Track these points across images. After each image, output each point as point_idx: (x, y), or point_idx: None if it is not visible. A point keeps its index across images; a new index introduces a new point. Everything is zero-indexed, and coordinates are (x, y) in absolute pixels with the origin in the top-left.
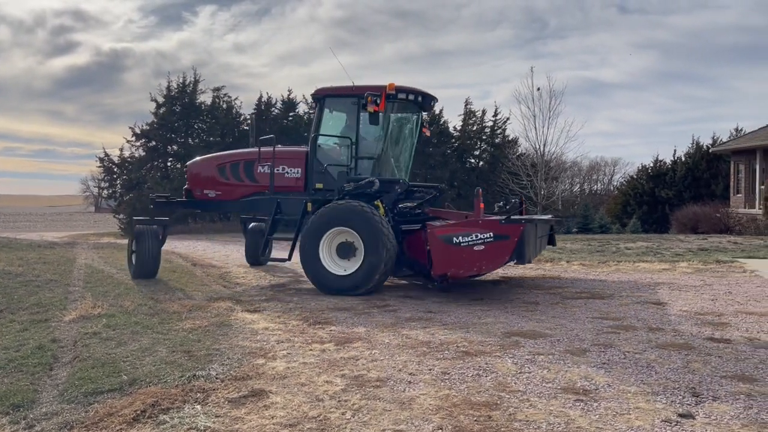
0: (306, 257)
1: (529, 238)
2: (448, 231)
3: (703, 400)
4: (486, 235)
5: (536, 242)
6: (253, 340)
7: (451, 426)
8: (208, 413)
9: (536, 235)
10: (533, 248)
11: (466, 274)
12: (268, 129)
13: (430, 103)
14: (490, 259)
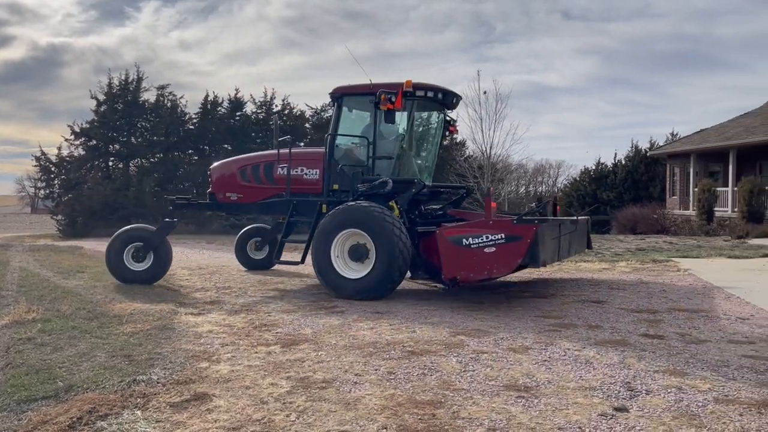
0: (318, 260)
1: (544, 239)
2: (458, 232)
3: (637, 394)
4: (498, 236)
5: (559, 244)
6: (197, 343)
7: (395, 425)
8: (148, 418)
9: (559, 237)
10: (552, 250)
11: (477, 277)
12: (214, 129)
13: (452, 100)
14: (502, 262)
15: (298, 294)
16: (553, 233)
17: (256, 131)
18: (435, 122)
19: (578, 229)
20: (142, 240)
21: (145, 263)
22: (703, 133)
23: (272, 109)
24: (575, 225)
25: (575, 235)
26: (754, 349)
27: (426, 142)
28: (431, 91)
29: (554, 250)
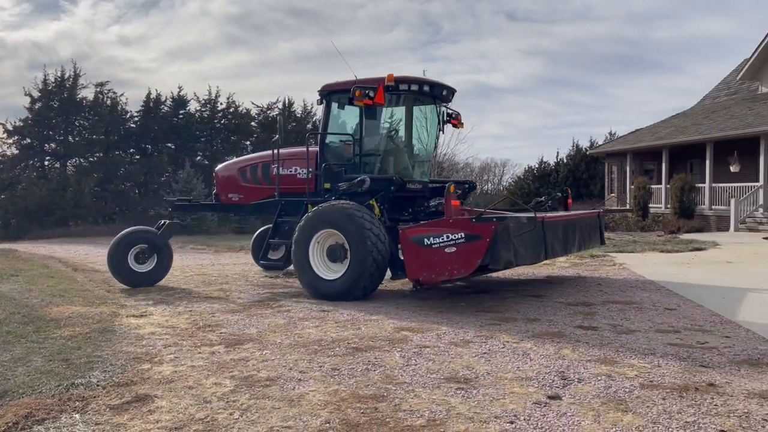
0: (297, 261)
1: (507, 238)
2: (420, 231)
3: (569, 383)
4: (458, 235)
5: (545, 242)
6: (139, 345)
7: (338, 419)
8: (87, 422)
9: (539, 234)
10: (523, 249)
11: (438, 279)
12: (157, 127)
13: (443, 92)
14: (462, 262)
15: (244, 294)
16: (524, 231)
17: (200, 130)
18: (430, 116)
19: (582, 225)
20: (147, 242)
21: (148, 265)
22: (638, 133)
23: (217, 108)
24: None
25: (577, 231)
26: (678, 337)
27: (421, 137)
28: (416, 84)
29: (529, 249)
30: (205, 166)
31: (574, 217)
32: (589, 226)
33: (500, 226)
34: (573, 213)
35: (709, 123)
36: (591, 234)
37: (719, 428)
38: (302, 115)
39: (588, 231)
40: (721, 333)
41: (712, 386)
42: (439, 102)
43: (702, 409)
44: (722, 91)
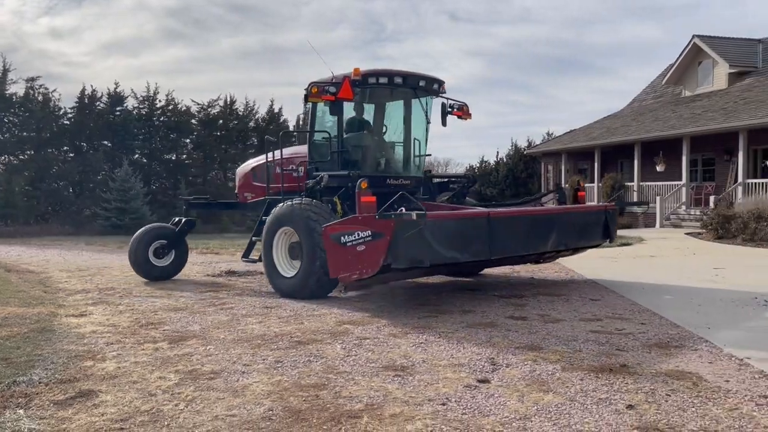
0: (264, 258)
1: (410, 235)
2: (338, 229)
3: (498, 368)
4: (366, 233)
5: (479, 238)
6: (80, 343)
7: (281, 407)
8: (31, 416)
9: (475, 231)
10: (440, 247)
11: (352, 278)
12: (92, 124)
13: (419, 83)
14: (369, 261)
15: (187, 292)
16: (413, 229)
17: (138, 127)
18: (414, 109)
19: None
20: (166, 238)
21: (166, 260)
22: (572, 134)
23: (155, 105)
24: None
25: (557, 226)
26: (600, 325)
27: (406, 132)
28: (384, 77)
29: (456, 246)
30: (143, 164)
31: (548, 211)
32: (584, 221)
33: (398, 223)
34: (550, 207)
35: (637, 125)
36: (586, 230)
37: (628, 403)
38: (245, 112)
39: (581, 227)
40: (638, 320)
41: (625, 367)
42: (424, 94)
43: (614, 387)
44: (649, 95)
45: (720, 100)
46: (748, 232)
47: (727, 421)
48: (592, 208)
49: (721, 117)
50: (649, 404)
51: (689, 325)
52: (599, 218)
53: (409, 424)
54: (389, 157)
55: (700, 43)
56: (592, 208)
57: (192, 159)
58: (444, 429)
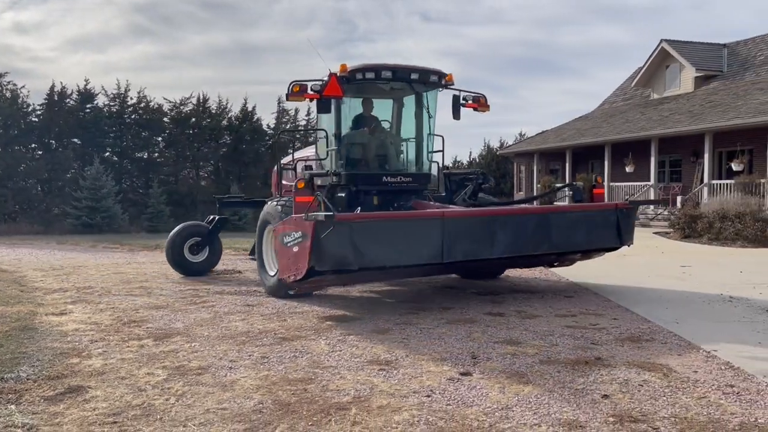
0: (257, 256)
1: (334, 237)
2: (281, 230)
3: (479, 361)
4: (298, 233)
5: (428, 240)
6: (64, 341)
7: (271, 400)
8: (23, 411)
9: (420, 231)
10: (374, 248)
11: (290, 280)
12: (62, 122)
13: (410, 75)
14: (300, 263)
15: (166, 291)
16: (325, 230)
17: (109, 125)
18: (413, 104)
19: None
20: (200, 235)
21: (201, 256)
22: (544, 135)
23: (127, 102)
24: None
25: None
26: (575, 320)
27: (402, 127)
28: (371, 71)
29: (395, 247)
30: (114, 162)
31: (527, 211)
32: (582, 222)
33: (317, 224)
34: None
35: (608, 126)
36: (588, 232)
37: (603, 393)
38: (218, 110)
39: (578, 228)
40: (611, 316)
41: (599, 360)
42: (423, 87)
43: (590, 378)
44: (619, 97)
45: (687, 103)
46: (713, 232)
47: (696, 409)
48: (592, 207)
49: (687, 120)
50: (623, 394)
51: (659, 320)
52: (606, 219)
53: (396, 415)
54: (387, 154)
55: (668, 47)
56: (594, 207)
57: (164, 157)
58: (430, 419)
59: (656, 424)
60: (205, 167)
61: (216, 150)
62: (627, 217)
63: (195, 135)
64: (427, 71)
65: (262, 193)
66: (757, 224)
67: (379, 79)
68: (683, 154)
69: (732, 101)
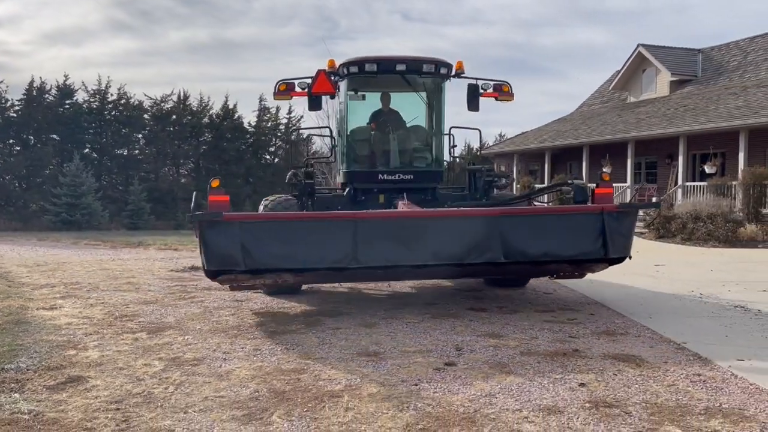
0: None
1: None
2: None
3: (463, 353)
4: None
5: (335, 243)
6: (58, 334)
7: (266, 389)
8: (27, 399)
9: (326, 233)
10: (266, 250)
11: (208, 277)
12: (41, 117)
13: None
14: (202, 261)
15: (154, 287)
16: (263, 231)
17: (89, 121)
18: (413, 97)
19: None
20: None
21: None
22: (524, 136)
23: (107, 99)
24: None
25: (497, 230)
26: (553, 315)
27: (404, 121)
28: (355, 65)
29: (289, 249)
30: (93, 159)
31: (471, 213)
32: (560, 226)
33: (201, 224)
34: (480, 209)
35: (586, 128)
36: (567, 239)
37: (580, 381)
38: (198, 107)
39: (553, 234)
40: (588, 311)
41: (577, 351)
42: (418, 78)
43: (568, 368)
44: (597, 99)
45: (662, 106)
46: (687, 232)
47: (666, 395)
48: (565, 210)
49: (663, 123)
50: (599, 382)
51: (633, 315)
52: (586, 224)
53: (386, 402)
54: (389, 151)
55: (645, 52)
56: (568, 210)
57: (144, 154)
58: (418, 405)
59: (629, 409)
60: (185, 164)
61: (197, 147)
62: (618, 222)
63: (175, 132)
64: (418, 61)
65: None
66: (727, 225)
67: (363, 72)
68: (659, 156)
69: (705, 105)
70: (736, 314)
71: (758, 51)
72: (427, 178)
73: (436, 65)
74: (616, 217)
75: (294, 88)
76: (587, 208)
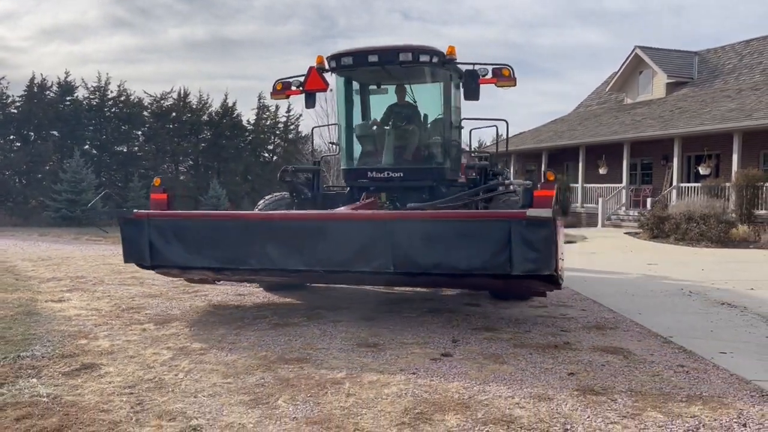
0: None
1: (129, 233)
2: None
3: (459, 345)
4: None
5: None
6: (69, 325)
7: (271, 377)
8: (45, 384)
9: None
10: (168, 247)
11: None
12: (42, 114)
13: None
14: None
15: (158, 281)
16: (166, 228)
17: (89, 118)
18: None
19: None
20: None
21: None
22: (521, 136)
23: (107, 95)
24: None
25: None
26: (546, 311)
27: (415, 117)
28: (346, 57)
29: (195, 250)
30: (93, 155)
31: (357, 217)
32: (456, 235)
33: (119, 221)
34: (379, 212)
35: (583, 129)
36: (464, 250)
37: (569, 371)
38: (198, 105)
39: (448, 243)
40: (580, 307)
41: (567, 344)
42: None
43: (558, 359)
44: (594, 100)
45: (658, 108)
46: (680, 232)
47: (650, 384)
48: (465, 216)
49: (658, 125)
50: (587, 372)
51: (623, 310)
52: (488, 233)
53: (385, 389)
54: (384, 147)
55: (641, 54)
56: (468, 216)
57: (143, 151)
58: (416, 392)
59: (614, 397)
60: (184, 162)
61: (196, 145)
62: (529, 233)
63: (175, 129)
64: (393, 50)
65: (241, 189)
66: (720, 226)
67: (341, 67)
68: (654, 157)
69: (700, 108)
70: (722, 311)
71: (753, 54)
72: (421, 176)
73: (414, 53)
74: (526, 226)
75: (290, 87)
76: (489, 214)
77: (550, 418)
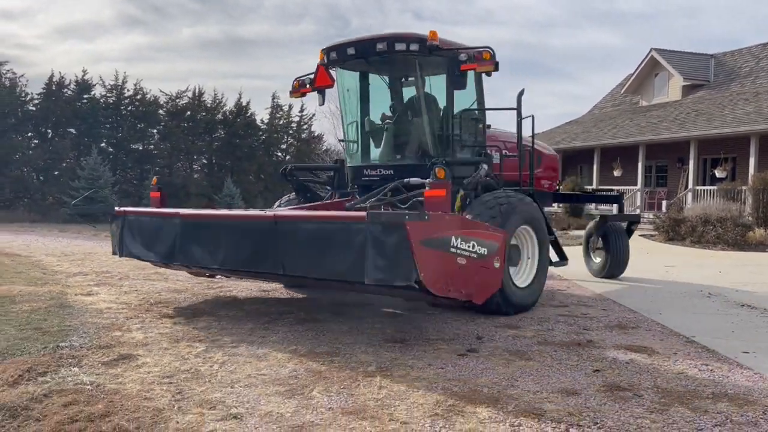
0: None
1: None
2: None
3: (484, 341)
4: None
5: (161, 239)
6: (102, 317)
7: (303, 369)
8: (87, 373)
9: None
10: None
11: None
12: (59, 111)
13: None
14: None
15: (181, 277)
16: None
17: (105, 116)
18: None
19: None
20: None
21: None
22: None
23: (123, 94)
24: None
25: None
26: (567, 310)
27: (416, 109)
28: (334, 51)
29: (147, 244)
30: (109, 153)
31: (250, 217)
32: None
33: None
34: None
35: (597, 131)
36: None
37: (594, 368)
38: (212, 104)
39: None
40: (600, 307)
41: (591, 342)
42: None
43: (583, 357)
44: (609, 103)
45: (674, 110)
46: (696, 235)
47: (675, 381)
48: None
49: (674, 127)
50: (612, 369)
51: (644, 311)
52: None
53: (416, 382)
54: (383, 143)
55: (657, 56)
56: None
57: (159, 149)
58: (446, 385)
59: (641, 393)
60: (198, 160)
61: (210, 143)
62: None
63: (190, 128)
64: (371, 40)
65: (255, 188)
66: (737, 229)
67: (330, 61)
68: (669, 160)
69: (717, 110)
70: (742, 312)
71: None
72: (413, 173)
73: (389, 41)
74: (381, 230)
75: (305, 85)
76: (345, 216)
77: (579, 412)
